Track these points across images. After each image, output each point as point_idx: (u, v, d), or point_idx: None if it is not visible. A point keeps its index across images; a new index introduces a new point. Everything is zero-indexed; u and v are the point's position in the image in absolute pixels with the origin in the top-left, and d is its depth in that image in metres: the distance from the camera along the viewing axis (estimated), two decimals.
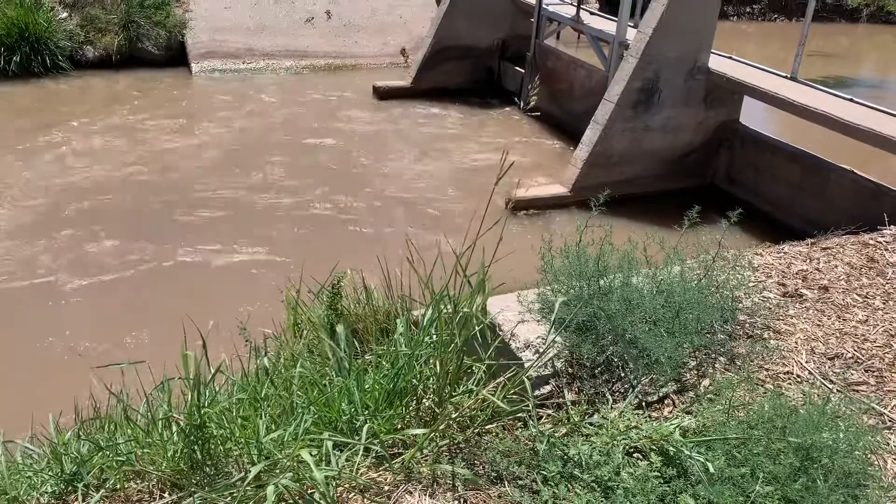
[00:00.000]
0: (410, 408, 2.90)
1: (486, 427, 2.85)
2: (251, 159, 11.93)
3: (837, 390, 3.15)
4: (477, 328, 2.92)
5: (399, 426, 2.81)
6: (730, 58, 11.80)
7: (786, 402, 2.65)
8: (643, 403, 3.05)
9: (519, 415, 2.84)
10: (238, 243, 9.39)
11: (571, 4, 14.44)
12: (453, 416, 2.82)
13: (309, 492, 2.44)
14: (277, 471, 2.47)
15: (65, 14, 15.39)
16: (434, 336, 2.98)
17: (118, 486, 2.70)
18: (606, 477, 2.51)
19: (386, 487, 2.58)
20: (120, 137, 12.43)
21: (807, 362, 3.37)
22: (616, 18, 12.53)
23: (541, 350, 3.14)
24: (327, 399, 2.90)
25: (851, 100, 10.17)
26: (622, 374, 3.13)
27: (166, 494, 2.63)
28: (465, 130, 13.71)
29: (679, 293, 3.27)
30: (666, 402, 3.09)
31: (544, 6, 14.26)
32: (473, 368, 2.97)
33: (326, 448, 2.56)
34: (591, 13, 14.69)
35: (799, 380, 3.26)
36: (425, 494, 2.55)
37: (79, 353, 6.99)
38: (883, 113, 9.75)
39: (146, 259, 8.93)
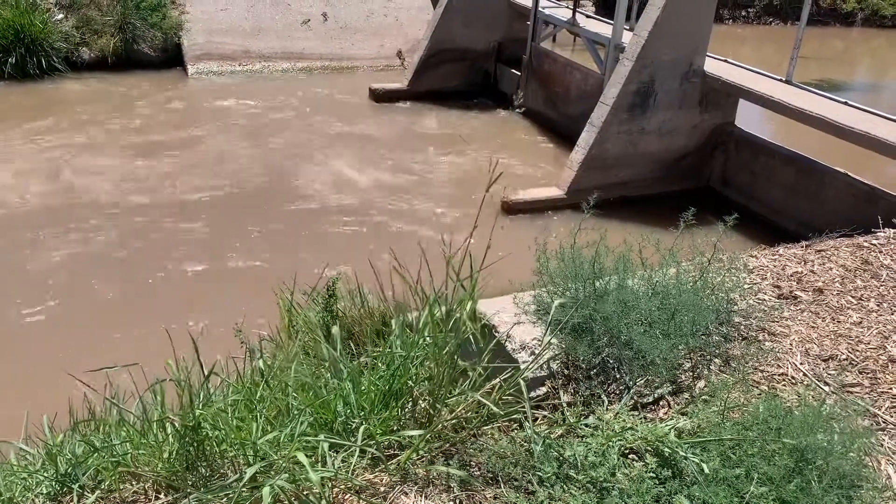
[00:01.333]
0: (406, 409, 2.91)
1: (482, 428, 2.85)
2: (245, 162, 11.93)
3: (832, 392, 3.16)
4: (472, 330, 2.93)
5: (395, 428, 2.82)
6: (725, 61, 11.85)
7: (780, 403, 2.66)
8: (638, 405, 3.06)
9: (515, 416, 2.85)
10: (232, 246, 9.38)
11: (567, 7, 14.48)
12: (448, 417, 2.83)
13: (304, 493, 2.44)
14: (273, 472, 2.47)
15: (61, 16, 15.37)
16: (429, 338, 2.99)
17: (113, 487, 2.70)
18: (602, 478, 2.51)
19: (382, 488, 2.58)
20: (111, 138, 12.42)
21: (801, 364, 3.39)
22: (612, 21, 12.56)
23: (536, 352, 3.14)
24: (323, 401, 2.90)
25: (846, 103, 10.22)
26: (617, 376, 3.14)
27: (162, 495, 2.63)
28: (461, 133, 13.72)
29: (674, 295, 3.28)
30: (661, 403, 3.10)
31: (540, 9, 14.30)
32: (469, 370, 2.97)
33: (322, 449, 2.56)
34: (587, 16, 14.73)
35: (793, 381, 3.27)
36: (421, 495, 2.55)
37: (72, 355, 6.98)
38: (877, 116, 9.80)
39: (140, 262, 8.92)
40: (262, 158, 12.06)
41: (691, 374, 3.25)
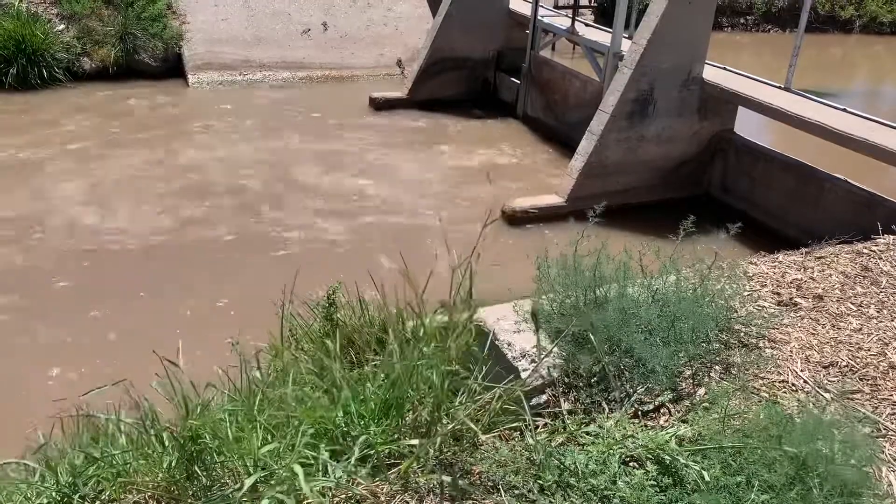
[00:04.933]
0: (407, 418, 2.90)
1: (483, 437, 2.85)
2: (242, 169, 11.95)
3: (832, 399, 3.16)
4: (473, 338, 2.93)
5: (395, 437, 2.81)
6: (724, 68, 11.87)
7: (781, 410, 2.66)
8: (639, 412, 3.05)
9: (515, 424, 2.84)
10: (229, 252, 9.39)
11: (566, 16, 14.54)
12: (449, 426, 2.82)
13: (307, 503, 2.44)
14: (273, 482, 2.47)
15: (62, 26, 15.43)
16: (430, 347, 2.98)
17: (114, 498, 2.69)
18: (603, 486, 2.51)
19: (383, 498, 2.58)
20: (112, 144, 12.46)
21: (802, 371, 3.38)
22: (610, 30, 12.61)
23: (537, 360, 3.14)
24: (324, 410, 2.90)
25: (845, 110, 10.24)
26: (618, 384, 3.14)
27: None
28: (460, 141, 13.75)
29: (674, 303, 3.29)
30: (662, 410, 3.09)
31: (539, 17, 14.35)
32: (469, 378, 2.97)
33: (323, 459, 2.55)
34: (586, 24, 14.79)
35: (794, 388, 3.26)
36: None
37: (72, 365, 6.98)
38: (876, 123, 9.82)
39: (139, 273, 8.94)
40: (260, 166, 12.08)
41: (692, 381, 3.24)
